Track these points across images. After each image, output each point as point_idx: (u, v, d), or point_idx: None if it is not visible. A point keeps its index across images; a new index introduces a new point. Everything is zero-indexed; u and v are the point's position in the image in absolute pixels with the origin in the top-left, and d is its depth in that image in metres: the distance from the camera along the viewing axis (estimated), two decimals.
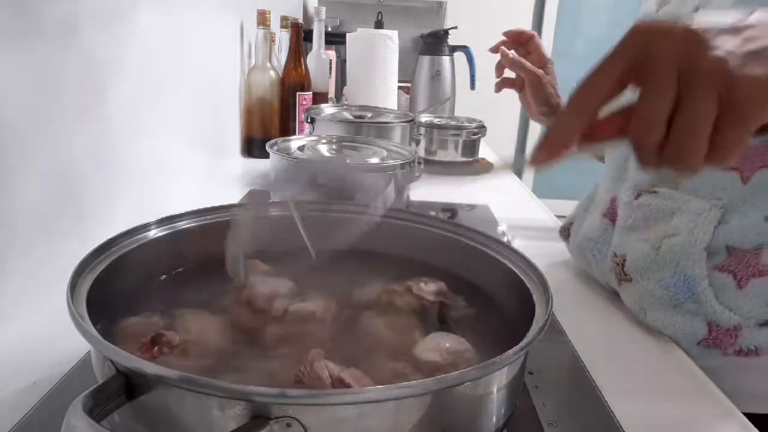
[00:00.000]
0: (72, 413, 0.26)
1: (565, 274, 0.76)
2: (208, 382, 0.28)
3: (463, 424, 0.34)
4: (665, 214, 0.60)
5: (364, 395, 0.30)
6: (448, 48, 1.75)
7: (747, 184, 0.55)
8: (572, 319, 0.61)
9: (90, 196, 0.66)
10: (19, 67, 0.52)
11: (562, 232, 0.79)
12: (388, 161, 0.84)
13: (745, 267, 0.55)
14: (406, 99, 1.81)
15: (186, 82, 0.94)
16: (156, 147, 0.83)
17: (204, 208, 0.54)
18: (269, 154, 0.84)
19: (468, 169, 1.30)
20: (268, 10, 1.24)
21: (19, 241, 0.54)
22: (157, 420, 0.31)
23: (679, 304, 0.58)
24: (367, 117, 1.20)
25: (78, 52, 0.62)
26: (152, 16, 0.79)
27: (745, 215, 0.55)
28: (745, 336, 0.56)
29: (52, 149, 0.58)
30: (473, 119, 1.39)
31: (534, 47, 0.94)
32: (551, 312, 0.39)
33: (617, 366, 0.55)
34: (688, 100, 0.32)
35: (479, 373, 0.33)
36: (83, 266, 0.40)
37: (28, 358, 0.49)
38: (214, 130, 1.14)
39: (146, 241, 0.48)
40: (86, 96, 0.64)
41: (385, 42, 1.46)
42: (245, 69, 1.30)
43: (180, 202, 0.58)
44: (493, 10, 3.16)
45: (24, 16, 0.52)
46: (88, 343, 0.32)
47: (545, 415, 0.45)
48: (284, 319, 0.45)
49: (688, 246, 0.57)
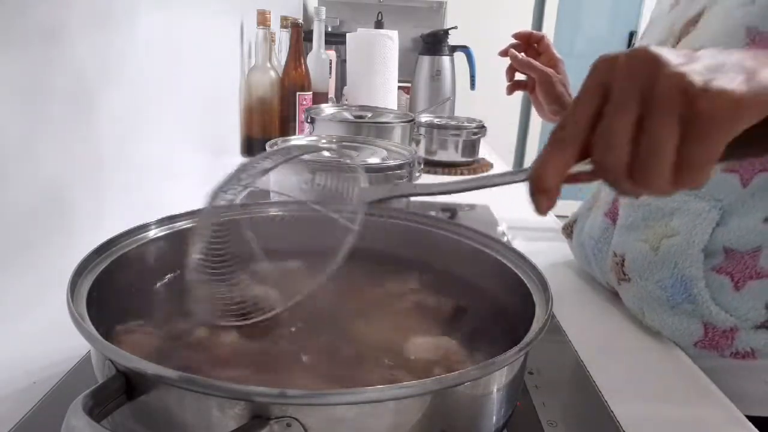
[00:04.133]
0: (72, 413, 0.26)
1: (566, 274, 0.76)
2: (208, 382, 0.28)
3: (463, 424, 0.34)
4: (665, 213, 0.60)
5: (364, 395, 0.30)
6: (448, 48, 1.75)
7: (746, 187, 0.55)
8: (572, 319, 0.62)
9: (90, 196, 0.66)
10: (8, 71, 0.52)
11: (564, 230, 0.79)
12: (388, 161, 0.84)
13: (743, 269, 0.55)
14: (406, 99, 1.81)
15: (186, 83, 0.94)
16: (156, 147, 0.83)
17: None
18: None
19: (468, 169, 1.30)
20: (268, 10, 1.24)
21: (18, 241, 0.54)
22: (157, 420, 0.31)
23: (676, 305, 0.58)
24: (367, 117, 1.20)
25: (73, 53, 0.62)
26: (152, 17, 0.79)
27: (744, 217, 0.55)
28: (742, 338, 0.56)
29: (51, 149, 0.58)
30: (473, 119, 1.39)
31: (544, 48, 0.95)
32: (551, 312, 0.39)
33: (617, 366, 0.55)
34: (649, 119, 0.31)
35: (479, 373, 0.33)
36: (83, 266, 0.40)
37: (28, 358, 0.49)
38: (214, 130, 1.14)
39: (146, 241, 0.48)
40: (84, 96, 0.64)
41: (385, 42, 1.46)
42: (245, 69, 1.30)
43: (180, 202, 0.58)
44: (493, 10, 3.17)
45: (11, 20, 0.52)
46: (88, 343, 0.32)
47: (545, 415, 0.45)
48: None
49: (686, 247, 0.57)
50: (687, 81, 0.30)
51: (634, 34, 3.44)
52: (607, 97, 0.32)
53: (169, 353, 0.41)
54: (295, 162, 0.48)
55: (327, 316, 0.46)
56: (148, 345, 0.41)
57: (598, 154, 0.33)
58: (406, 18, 2.22)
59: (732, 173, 0.56)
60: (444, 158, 1.31)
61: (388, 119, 1.19)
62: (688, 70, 0.30)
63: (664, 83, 0.30)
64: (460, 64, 1.77)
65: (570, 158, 0.34)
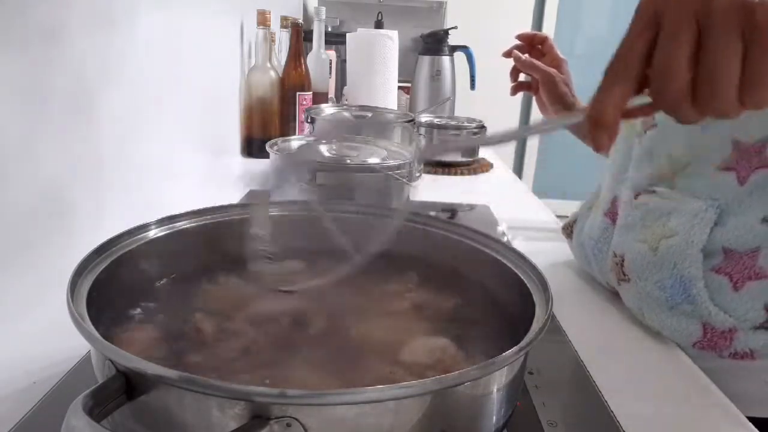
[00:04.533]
0: (72, 413, 0.26)
1: (566, 274, 0.76)
2: (208, 382, 0.28)
3: (463, 424, 0.34)
4: (662, 213, 0.60)
5: (364, 395, 0.30)
6: (448, 48, 1.75)
7: (744, 185, 0.55)
8: (572, 319, 0.62)
9: (90, 196, 0.66)
10: (8, 70, 0.52)
11: (565, 230, 0.79)
12: (388, 161, 0.84)
13: (741, 269, 0.55)
14: (406, 99, 1.81)
15: (186, 83, 0.94)
16: (156, 147, 0.83)
17: (204, 208, 0.54)
18: (269, 154, 0.84)
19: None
20: (268, 10, 1.24)
21: (18, 241, 0.54)
22: (157, 420, 0.31)
23: (675, 306, 0.58)
24: (367, 117, 1.20)
25: (73, 53, 0.62)
26: (152, 17, 0.79)
27: (742, 216, 0.55)
28: (740, 338, 0.56)
29: (51, 149, 0.58)
30: (473, 119, 1.39)
31: (548, 48, 0.95)
32: (551, 312, 0.38)
33: (617, 366, 0.55)
34: (710, 39, 0.31)
35: (479, 373, 0.33)
36: (83, 266, 0.40)
37: (28, 358, 0.49)
38: (214, 130, 1.14)
39: (146, 241, 0.48)
40: (84, 96, 0.64)
41: (385, 42, 1.46)
42: (245, 69, 1.30)
43: (180, 202, 0.58)
44: (493, 10, 3.16)
45: (11, 20, 0.52)
46: (88, 343, 0.32)
47: (545, 415, 0.45)
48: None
49: (684, 247, 0.57)
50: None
51: None
52: (660, 25, 0.32)
53: (169, 353, 0.41)
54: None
55: (327, 315, 0.46)
56: (148, 345, 0.41)
57: (658, 84, 0.32)
58: (406, 18, 2.22)
59: (729, 171, 0.56)
60: (444, 158, 1.31)
61: (388, 119, 1.19)
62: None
63: (721, 3, 0.30)
64: (460, 64, 1.77)
65: (627, 91, 0.33)
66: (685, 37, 0.31)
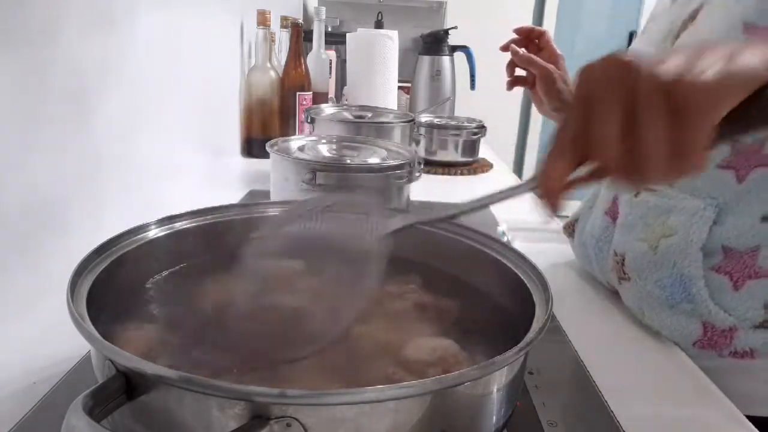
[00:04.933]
0: (72, 413, 0.26)
1: (566, 274, 0.76)
2: (208, 382, 0.28)
3: (463, 424, 0.34)
4: (662, 212, 0.60)
5: (363, 395, 0.30)
6: (448, 48, 1.75)
7: (742, 183, 0.55)
8: (572, 319, 0.62)
9: (90, 196, 0.66)
10: (7, 71, 0.52)
11: (566, 229, 0.79)
12: (388, 161, 0.84)
13: (741, 268, 0.55)
14: (406, 99, 1.81)
15: (186, 83, 0.94)
16: (156, 147, 0.83)
17: (204, 208, 0.54)
18: (269, 154, 0.84)
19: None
20: (268, 10, 1.24)
21: (18, 241, 0.54)
22: (157, 420, 0.31)
23: (675, 305, 0.58)
24: (367, 117, 1.20)
25: (73, 53, 0.62)
26: (152, 17, 0.79)
27: (741, 215, 0.55)
28: (740, 337, 0.56)
29: (51, 148, 0.58)
30: (473, 119, 1.39)
31: (545, 43, 0.94)
32: (551, 312, 0.39)
33: (617, 366, 0.55)
34: (638, 117, 0.34)
35: (479, 373, 0.33)
36: (83, 266, 0.40)
37: (28, 358, 0.49)
38: (214, 130, 1.14)
39: (146, 241, 0.48)
40: (83, 96, 0.64)
41: (385, 42, 1.46)
42: (245, 69, 1.30)
43: (180, 202, 0.58)
44: (493, 10, 3.16)
45: (11, 20, 0.52)
46: (88, 343, 0.32)
47: (545, 415, 0.45)
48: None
49: (684, 246, 0.57)
50: (661, 78, 0.33)
51: (634, 34, 3.43)
52: (592, 108, 0.35)
53: (170, 353, 0.41)
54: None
55: (327, 315, 0.46)
56: (148, 345, 0.41)
57: (595, 156, 0.36)
58: (406, 18, 2.23)
59: (727, 170, 0.56)
60: (444, 158, 1.31)
61: (388, 119, 1.19)
62: (661, 68, 0.33)
63: (642, 84, 0.33)
64: (460, 64, 1.77)
65: (568, 165, 0.37)
66: (613, 113, 0.34)
